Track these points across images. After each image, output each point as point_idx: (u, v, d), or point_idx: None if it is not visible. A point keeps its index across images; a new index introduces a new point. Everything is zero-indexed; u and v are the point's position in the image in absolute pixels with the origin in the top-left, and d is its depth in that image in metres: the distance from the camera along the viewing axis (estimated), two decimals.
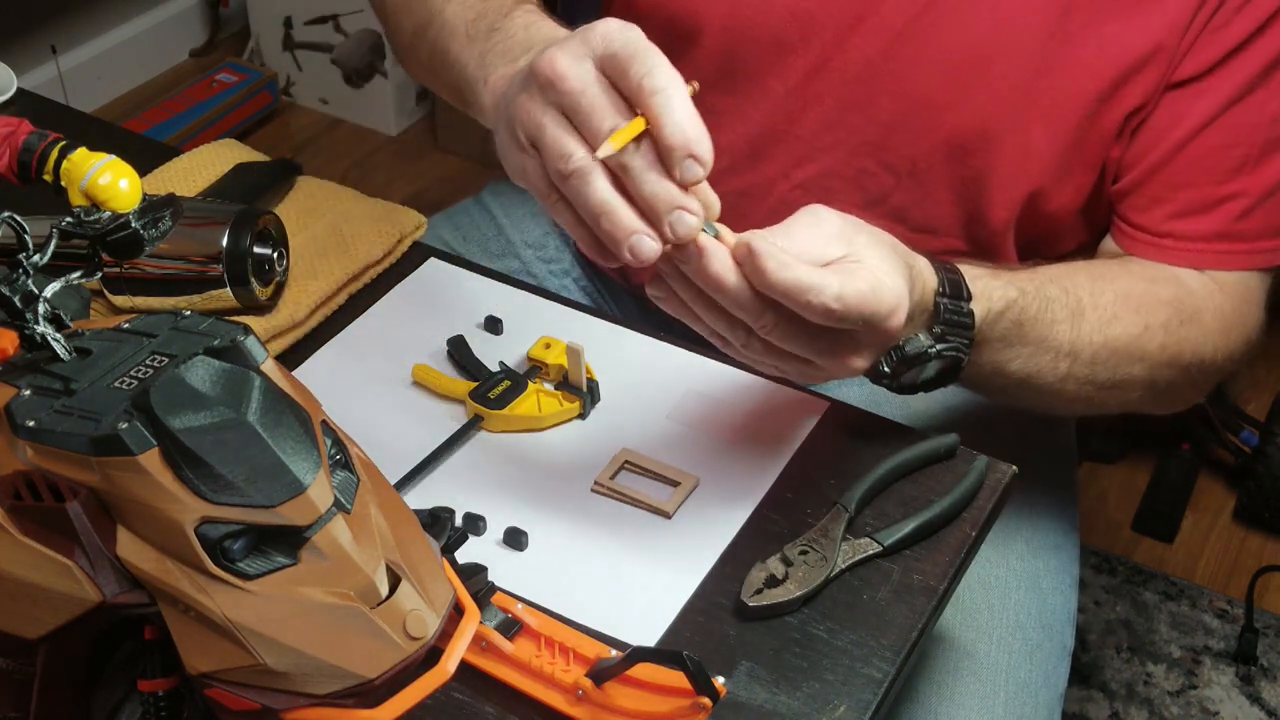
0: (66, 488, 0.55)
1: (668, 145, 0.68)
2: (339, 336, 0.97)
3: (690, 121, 0.69)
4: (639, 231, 0.69)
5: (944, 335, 0.84)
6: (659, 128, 0.68)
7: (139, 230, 0.70)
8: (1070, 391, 0.95)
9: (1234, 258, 0.99)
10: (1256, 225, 0.98)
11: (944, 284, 0.84)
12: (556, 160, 0.70)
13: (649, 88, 0.69)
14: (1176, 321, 0.95)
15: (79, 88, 2.60)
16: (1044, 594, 1.03)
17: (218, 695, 0.56)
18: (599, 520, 0.84)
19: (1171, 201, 0.98)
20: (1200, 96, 0.96)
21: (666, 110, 0.68)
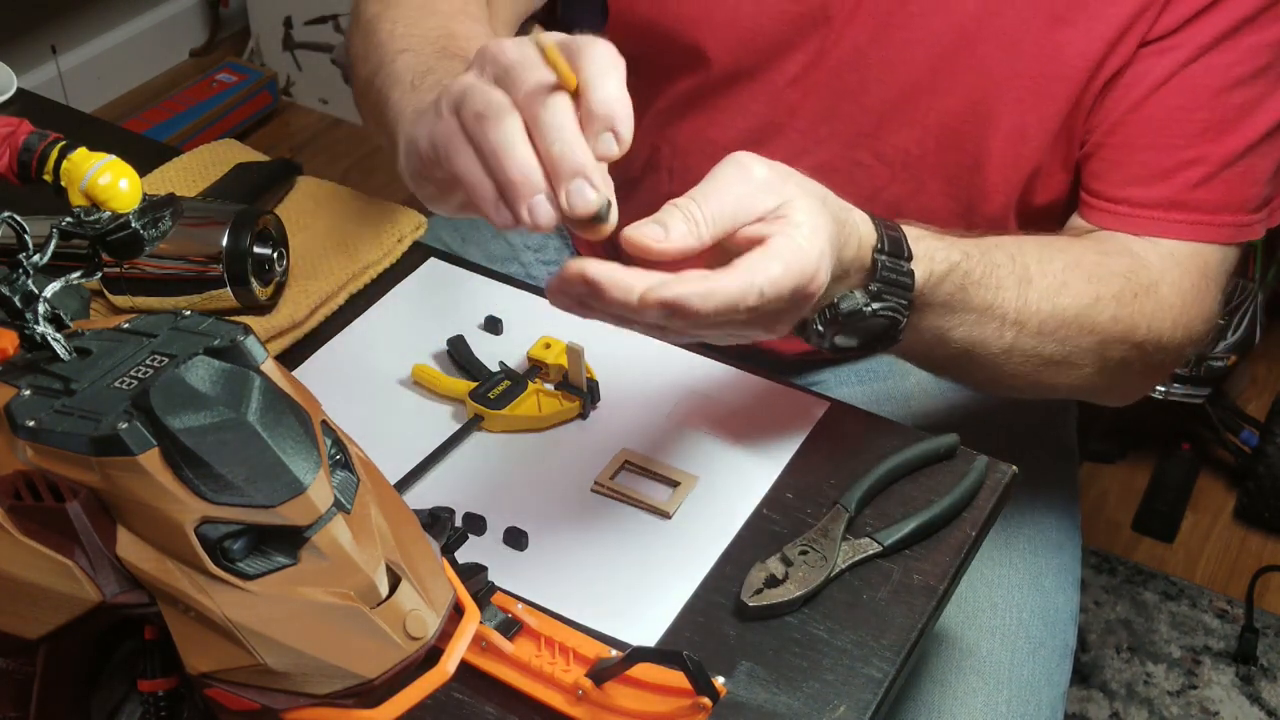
0: (66, 488, 0.55)
1: (591, 111, 0.65)
2: (339, 336, 0.97)
3: (620, 97, 0.66)
4: (540, 191, 0.64)
5: (880, 294, 0.80)
6: (588, 90, 0.65)
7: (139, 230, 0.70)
8: (1014, 366, 0.90)
9: (1190, 228, 0.95)
10: (1215, 196, 0.95)
11: (883, 240, 0.80)
12: (475, 104, 0.66)
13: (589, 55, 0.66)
14: (1130, 294, 0.92)
15: (79, 88, 2.60)
16: (1046, 593, 1.03)
17: (218, 695, 0.56)
18: (599, 520, 0.84)
19: (1129, 165, 0.96)
20: (1166, 53, 0.94)
21: (601, 77, 0.65)
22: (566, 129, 0.64)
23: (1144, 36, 0.94)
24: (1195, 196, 0.95)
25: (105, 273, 0.91)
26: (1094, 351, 0.92)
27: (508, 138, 0.65)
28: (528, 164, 0.64)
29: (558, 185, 0.64)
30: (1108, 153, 0.97)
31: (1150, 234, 0.96)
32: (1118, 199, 0.97)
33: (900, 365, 1.15)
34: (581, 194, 0.64)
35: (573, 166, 0.64)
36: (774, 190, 0.73)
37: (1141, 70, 0.95)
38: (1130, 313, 0.92)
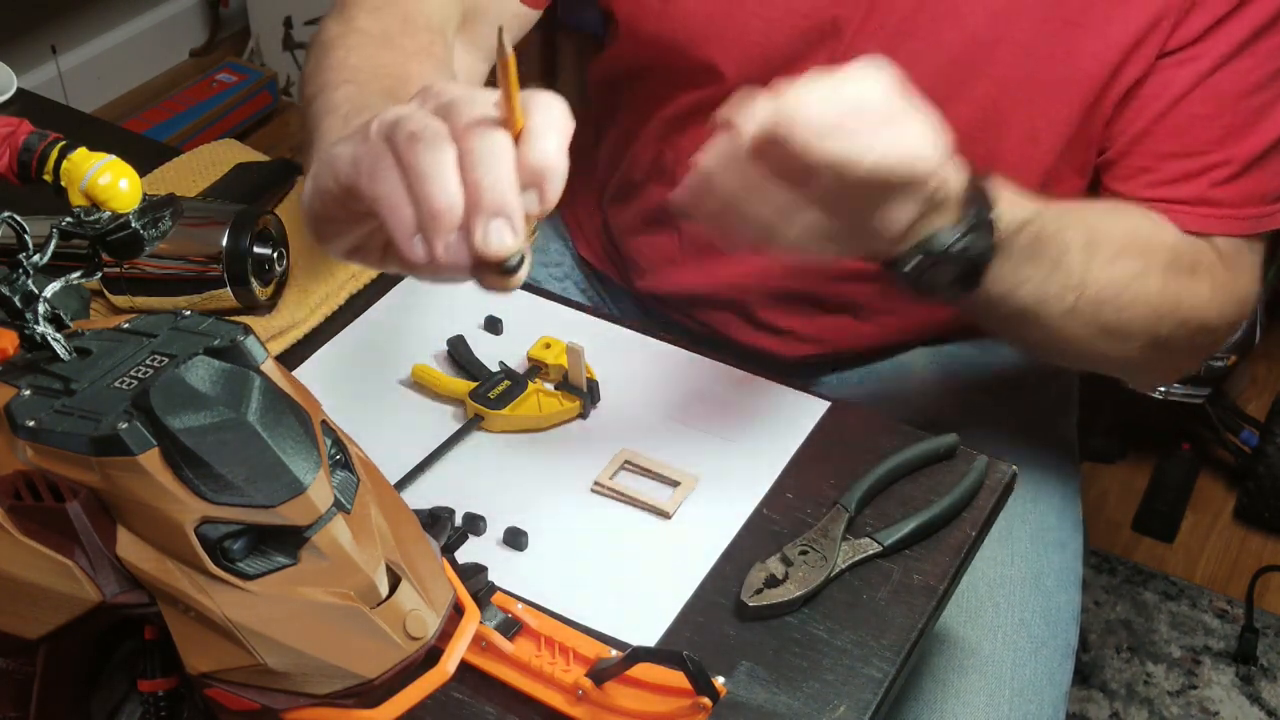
0: (66, 488, 0.55)
1: (527, 162, 0.59)
2: (339, 336, 0.97)
3: (559, 157, 0.60)
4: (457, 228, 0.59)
5: (969, 232, 0.81)
6: (529, 140, 0.60)
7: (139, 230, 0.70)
8: (1073, 330, 0.91)
9: (1218, 222, 0.97)
10: (1239, 192, 0.97)
11: (972, 183, 0.82)
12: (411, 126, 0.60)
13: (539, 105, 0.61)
14: (1175, 269, 0.94)
15: (79, 88, 2.60)
16: (1048, 592, 1.03)
17: (218, 695, 0.56)
18: (599, 520, 0.84)
19: (1154, 170, 0.97)
20: (1187, 63, 0.95)
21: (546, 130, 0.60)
22: (502, 164, 0.59)
23: (1162, 47, 0.95)
24: (1220, 194, 0.97)
25: (105, 273, 0.91)
26: (1144, 325, 0.93)
27: (440, 162, 0.59)
28: (456, 194, 0.59)
29: (476, 219, 0.58)
30: (1132, 160, 0.98)
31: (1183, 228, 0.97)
32: (1145, 199, 0.98)
33: (903, 367, 1.15)
34: (500, 234, 0.59)
35: (498, 202, 0.59)
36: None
37: (1163, 81, 0.96)
38: (1177, 288, 0.94)
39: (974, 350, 1.17)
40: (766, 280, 1.10)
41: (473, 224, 0.58)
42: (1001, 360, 1.17)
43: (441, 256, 0.59)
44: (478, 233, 0.58)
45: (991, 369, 1.16)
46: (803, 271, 1.08)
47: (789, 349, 1.13)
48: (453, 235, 0.59)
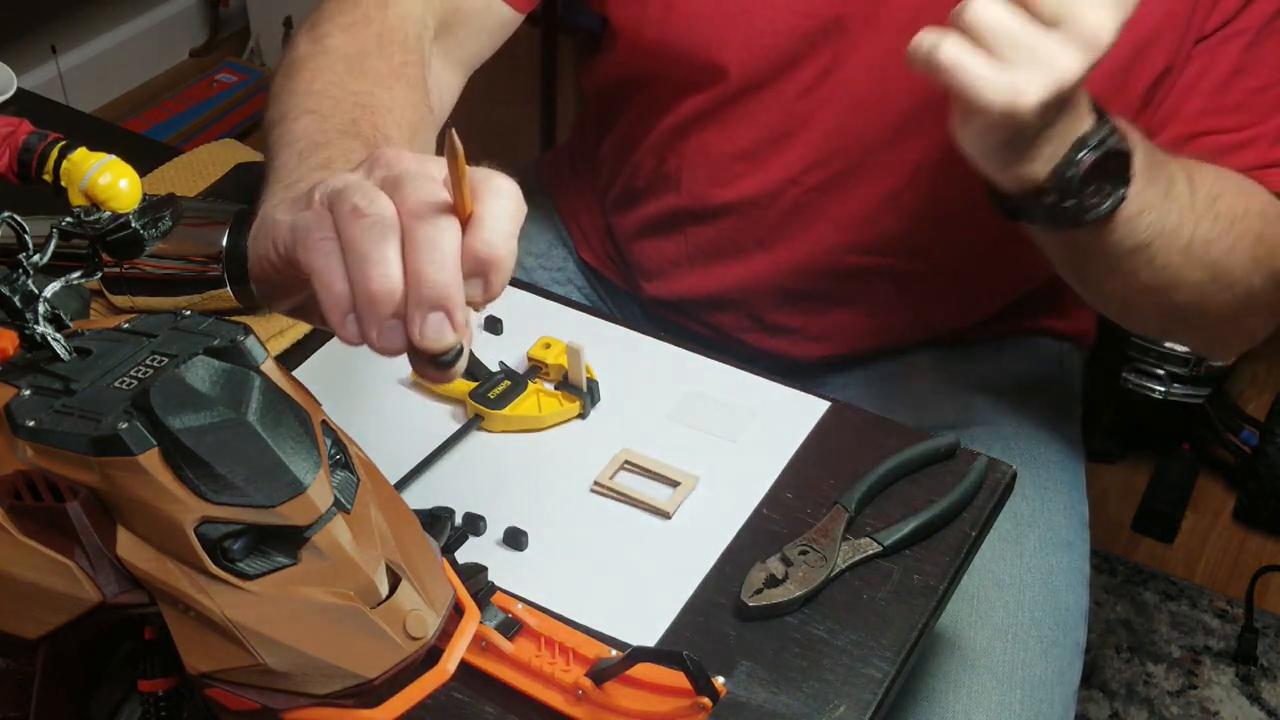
0: (66, 488, 0.55)
1: (473, 249, 0.57)
2: None
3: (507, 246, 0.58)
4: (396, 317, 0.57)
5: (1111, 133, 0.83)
6: (477, 226, 0.57)
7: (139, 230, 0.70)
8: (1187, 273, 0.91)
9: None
10: None
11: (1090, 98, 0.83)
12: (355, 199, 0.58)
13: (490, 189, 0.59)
14: (1275, 213, 0.93)
15: (79, 88, 2.60)
16: (1057, 591, 1.03)
17: (218, 695, 0.56)
18: (599, 520, 0.84)
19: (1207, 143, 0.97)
20: (1226, 42, 0.95)
21: (495, 218, 0.58)
22: (446, 254, 0.56)
23: (1197, 33, 0.95)
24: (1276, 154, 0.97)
25: (105, 273, 0.91)
26: (1245, 269, 0.93)
27: (381, 244, 0.56)
28: (396, 280, 0.56)
29: (414, 309, 0.56)
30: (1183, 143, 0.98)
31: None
32: None
33: (907, 368, 1.15)
34: (439, 329, 0.57)
35: (439, 295, 0.56)
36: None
37: (1206, 64, 0.96)
38: (1274, 233, 0.93)
39: (978, 351, 1.17)
40: (774, 280, 1.10)
41: (410, 314, 0.56)
42: (1006, 360, 1.17)
43: (375, 340, 0.57)
44: (415, 324, 0.56)
45: (996, 369, 1.16)
46: (810, 270, 1.08)
47: (796, 349, 1.13)
48: (389, 321, 0.57)
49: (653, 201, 1.13)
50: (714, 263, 1.11)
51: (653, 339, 0.97)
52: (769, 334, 1.13)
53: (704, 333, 1.15)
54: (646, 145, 1.12)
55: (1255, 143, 0.97)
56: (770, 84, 1.02)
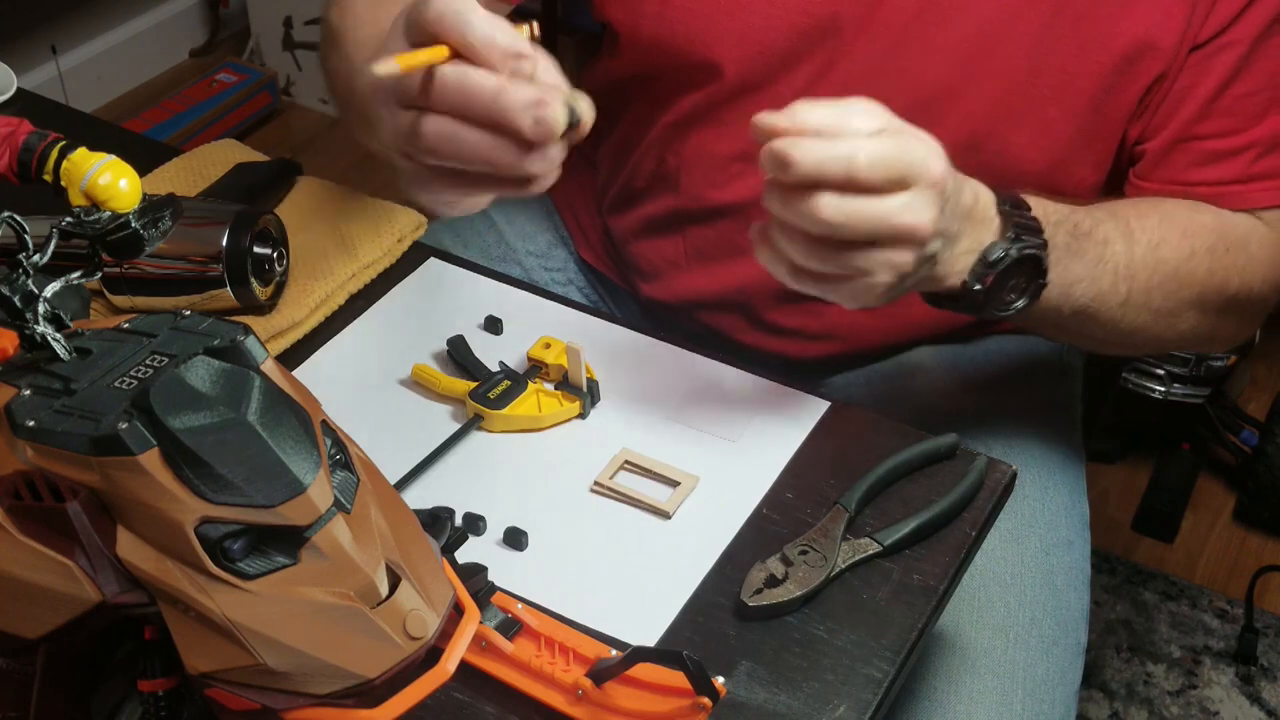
0: (66, 488, 0.55)
1: (488, 62, 0.68)
2: (339, 336, 0.97)
3: (497, 29, 0.68)
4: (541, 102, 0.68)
5: (1019, 237, 0.85)
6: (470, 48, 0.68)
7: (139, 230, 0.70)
8: (1130, 320, 0.94)
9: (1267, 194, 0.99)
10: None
11: (1002, 199, 0.85)
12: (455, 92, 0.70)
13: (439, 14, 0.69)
14: (1223, 247, 0.96)
15: (79, 88, 2.60)
16: (1058, 591, 1.03)
17: (218, 695, 0.56)
18: (599, 520, 0.84)
19: (1196, 152, 0.99)
20: (1221, 51, 0.96)
21: (466, 28, 0.68)
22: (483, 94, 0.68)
23: (1191, 42, 0.96)
24: (1263, 167, 0.99)
25: (105, 273, 0.91)
26: (1194, 303, 0.96)
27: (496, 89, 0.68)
28: (528, 94, 0.68)
29: (519, 131, 0.68)
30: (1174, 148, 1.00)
31: (1230, 206, 0.99)
32: (1189, 182, 0.99)
33: (907, 367, 1.15)
34: (546, 115, 0.68)
35: (522, 103, 0.68)
36: (881, 114, 0.79)
37: (1200, 73, 0.97)
38: (1224, 266, 0.96)
39: (979, 350, 1.17)
40: (772, 280, 1.10)
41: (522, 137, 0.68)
42: (1005, 358, 1.17)
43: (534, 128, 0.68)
44: (529, 129, 0.68)
45: (997, 368, 1.16)
46: None
47: (795, 349, 1.13)
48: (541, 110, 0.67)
49: (651, 202, 1.13)
50: (712, 263, 1.11)
51: (653, 339, 0.97)
52: (768, 334, 1.13)
53: (704, 334, 1.15)
54: (645, 145, 1.12)
55: (1242, 153, 0.98)
56: (766, 85, 1.02)
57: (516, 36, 0.70)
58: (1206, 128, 0.98)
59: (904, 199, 0.77)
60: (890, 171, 0.76)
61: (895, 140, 0.77)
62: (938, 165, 0.78)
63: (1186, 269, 0.94)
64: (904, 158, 0.77)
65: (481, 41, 0.68)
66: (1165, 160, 1.00)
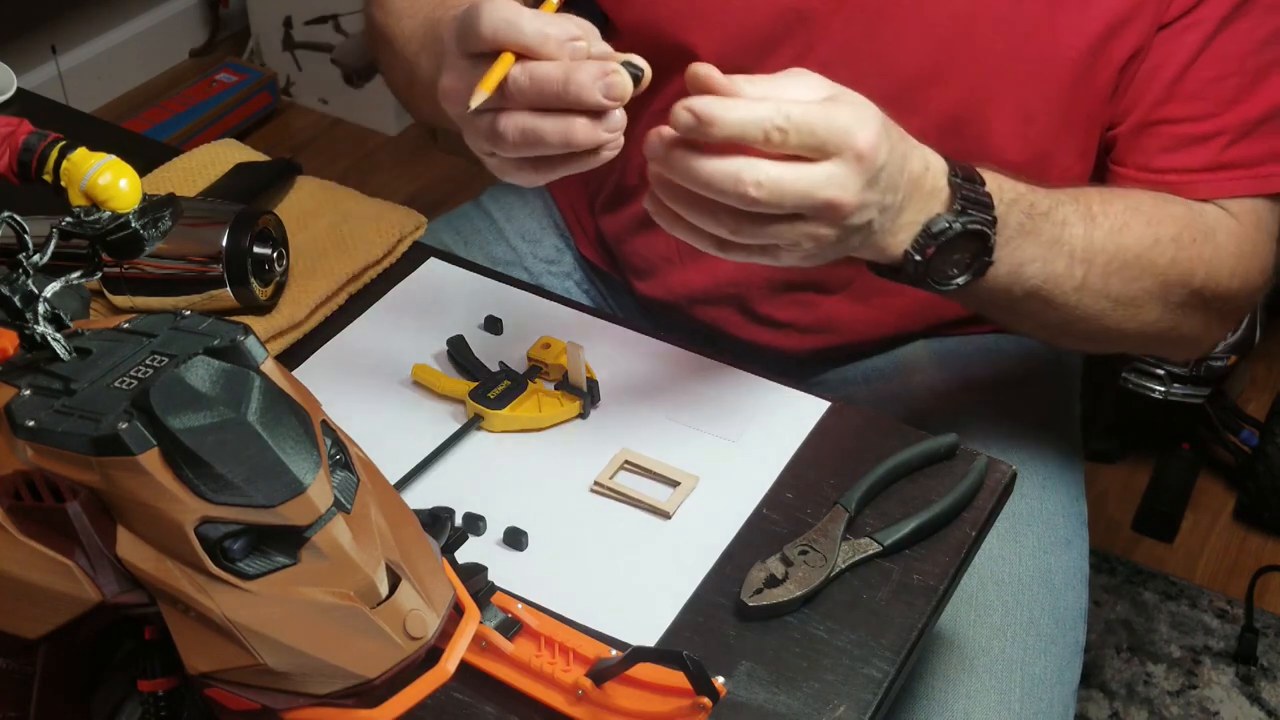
0: (66, 488, 0.55)
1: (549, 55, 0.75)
2: (339, 336, 0.97)
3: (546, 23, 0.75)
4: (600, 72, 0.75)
5: (965, 210, 0.84)
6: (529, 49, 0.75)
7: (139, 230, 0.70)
8: (1085, 307, 0.93)
9: (1237, 183, 0.98)
10: (1256, 151, 0.97)
11: (956, 169, 0.85)
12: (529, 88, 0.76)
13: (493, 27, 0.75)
14: (1189, 238, 0.94)
15: (79, 88, 2.60)
16: (1056, 590, 1.03)
17: (218, 695, 0.56)
18: (599, 520, 0.84)
19: (1164, 137, 0.98)
20: (1189, 29, 0.96)
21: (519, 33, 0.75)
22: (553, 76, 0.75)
23: (1159, 19, 0.95)
24: (1235, 155, 0.97)
25: (105, 273, 0.91)
26: (1156, 294, 0.95)
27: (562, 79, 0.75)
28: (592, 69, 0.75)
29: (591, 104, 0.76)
30: (1143, 132, 0.99)
31: (1199, 196, 0.98)
32: (1159, 169, 0.99)
33: (904, 365, 1.15)
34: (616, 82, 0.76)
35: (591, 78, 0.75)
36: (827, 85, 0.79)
37: (1166, 51, 0.96)
38: (1189, 256, 0.94)
39: (975, 348, 1.17)
40: (764, 271, 1.10)
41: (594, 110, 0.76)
42: (1004, 357, 1.17)
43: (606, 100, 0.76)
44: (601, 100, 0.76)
45: (994, 366, 1.16)
46: None
47: (791, 342, 1.13)
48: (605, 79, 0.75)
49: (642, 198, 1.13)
50: (704, 257, 1.11)
51: (653, 339, 0.97)
52: (763, 327, 1.12)
53: (699, 329, 1.15)
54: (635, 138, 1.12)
55: (1214, 139, 0.97)
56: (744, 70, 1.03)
57: (566, 23, 0.76)
58: (1174, 111, 0.97)
59: (826, 170, 0.76)
60: (810, 138, 0.75)
61: (820, 107, 0.76)
62: (864, 135, 0.77)
63: (1148, 256, 0.93)
64: (828, 124, 0.76)
65: (537, 39, 0.74)
66: (1135, 145, 0.99)
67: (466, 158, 1.00)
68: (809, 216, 0.78)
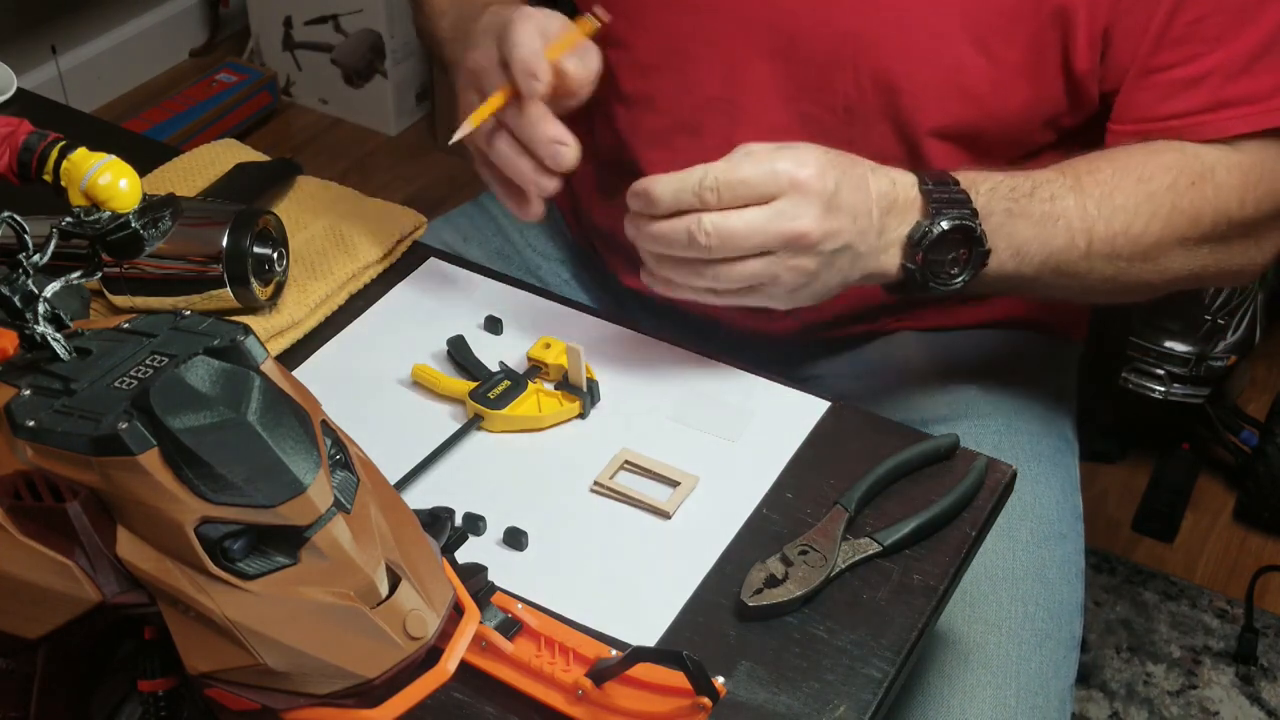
0: (66, 488, 0.55)
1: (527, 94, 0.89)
2: (339, 336, 0.97)
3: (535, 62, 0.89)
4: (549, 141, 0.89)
5: (941, 211, 0.87)
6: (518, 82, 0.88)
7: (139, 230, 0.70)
8: (1101, 271, 0.95)
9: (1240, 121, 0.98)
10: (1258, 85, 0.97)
11: (924, 177, 0.88)
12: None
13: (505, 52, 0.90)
14: (1185, 182, 0.95)
15: (79, 88, 2.60)
16: (1051, 585, 1.03)
17: (218, 695, 0.56)
18: (599, 520, 0.84)
19: (1158, 86, 0.98)
20: None
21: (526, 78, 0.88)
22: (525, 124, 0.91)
23: None
24: (1234, 92, 0.97)
25: (105, 273, 0.91)
26: (1170, 243, 0.96)
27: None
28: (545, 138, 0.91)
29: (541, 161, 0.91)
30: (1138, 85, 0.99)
31: (1205, 137, 0.98)
32: (1160, 116, 0.99)
33: (896, 359, 1.15)
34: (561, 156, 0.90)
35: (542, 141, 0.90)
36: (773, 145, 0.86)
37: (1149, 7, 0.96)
38: (1190, 200, 0.95)
39: (969, 341, 1.17)
40: None
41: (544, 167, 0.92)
42: (997, 350, 1.16)
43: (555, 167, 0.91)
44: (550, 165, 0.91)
45: (988, 359, 1.16)
46: None
47: (773, 325, 1.11)
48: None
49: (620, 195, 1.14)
50: None
51: (653, 339, 0.97)
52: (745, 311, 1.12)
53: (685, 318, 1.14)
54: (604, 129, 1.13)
55: (1208, 78, 0.97)
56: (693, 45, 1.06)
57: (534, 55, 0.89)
58: (1164, 58, 0.97)
59: (775, 207, 0.83)
60: (744, 187, 0.83)
61: (745, 158, 0.84)
62: (803, 170, 0.83)
63: (1147, 210, 0.94)
64: (758, 170, 0.83)
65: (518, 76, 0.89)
66: (1133, 100, 0.99)
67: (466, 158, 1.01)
68: (779, 251, 0.84)
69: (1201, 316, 1.91)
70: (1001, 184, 0.91)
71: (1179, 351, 1.91)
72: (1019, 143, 1.04)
